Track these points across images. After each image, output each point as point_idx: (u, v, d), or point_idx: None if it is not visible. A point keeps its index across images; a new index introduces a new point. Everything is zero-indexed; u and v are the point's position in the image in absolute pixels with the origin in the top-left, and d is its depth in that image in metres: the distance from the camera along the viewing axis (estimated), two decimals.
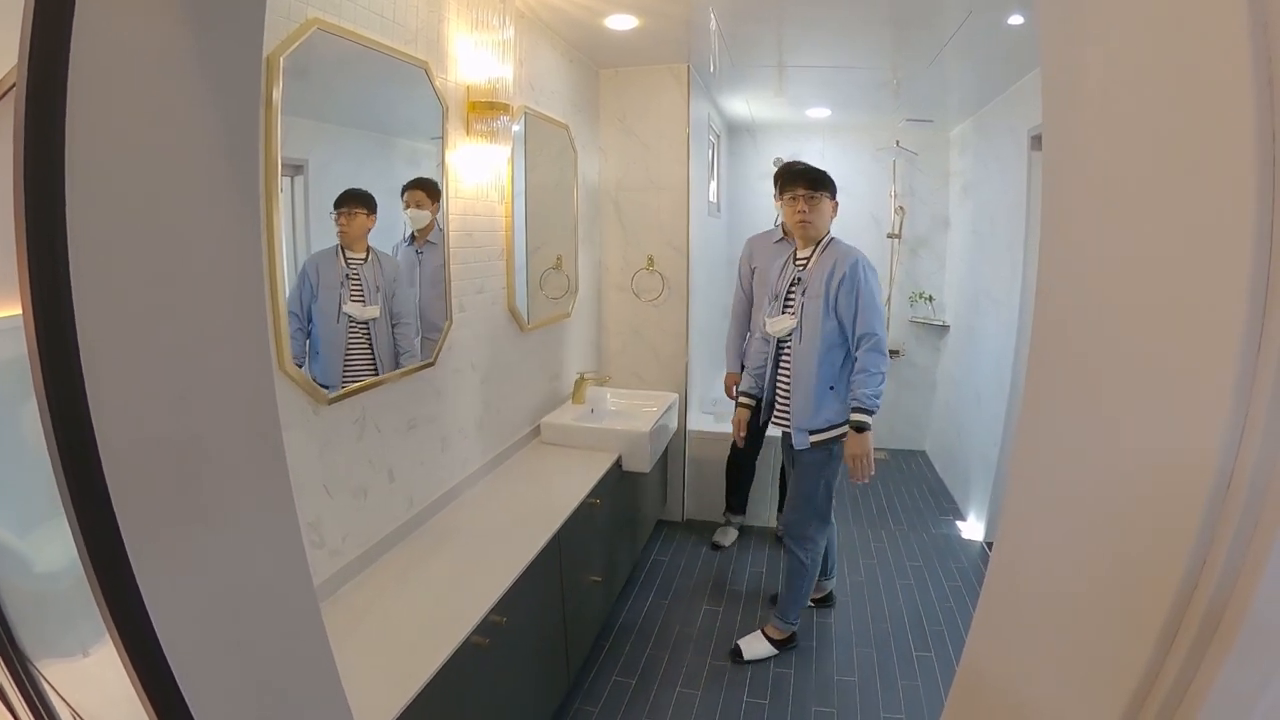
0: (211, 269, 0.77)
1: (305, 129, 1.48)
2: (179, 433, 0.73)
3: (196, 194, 0.75)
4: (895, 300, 5.07)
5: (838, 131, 4.99)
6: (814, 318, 2.47)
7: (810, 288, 2.50)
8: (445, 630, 1.52)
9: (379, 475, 1.86)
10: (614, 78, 3.47)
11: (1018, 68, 3.16)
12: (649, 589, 3.15)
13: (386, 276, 1.61)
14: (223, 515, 0.80)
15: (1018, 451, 0.74)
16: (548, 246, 2.96)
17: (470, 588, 1.72)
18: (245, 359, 0.83)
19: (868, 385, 2.39)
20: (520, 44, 2.48)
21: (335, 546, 1.67)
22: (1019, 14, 2.43)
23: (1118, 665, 0.61)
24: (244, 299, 0.82)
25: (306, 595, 0.96)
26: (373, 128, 1.80)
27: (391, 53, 1.76)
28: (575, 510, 2.24)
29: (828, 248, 2.56)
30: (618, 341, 3.82)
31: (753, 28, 2.80)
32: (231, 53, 0.78)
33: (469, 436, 2.37)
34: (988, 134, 3.95)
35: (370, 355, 1.62)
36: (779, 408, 2.65)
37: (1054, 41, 0.70)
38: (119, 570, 0.65)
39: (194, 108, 0.73)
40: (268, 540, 0.88)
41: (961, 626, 2.89)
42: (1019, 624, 0.75)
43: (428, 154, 2.01)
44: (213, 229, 0.78)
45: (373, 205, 1.69)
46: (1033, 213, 3.23)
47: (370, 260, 1.55)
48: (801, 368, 2.51)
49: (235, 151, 0.80)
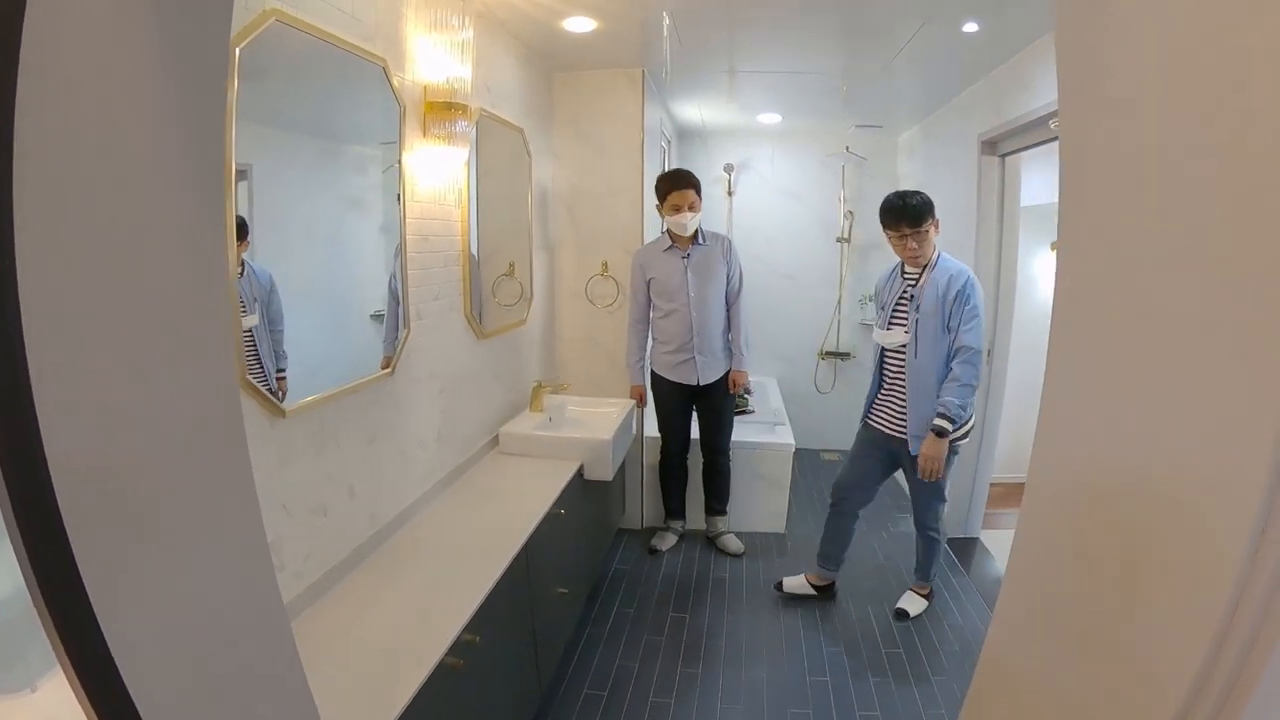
0: (173, 271, 0.71)
1: (250, 134, 1.39)
2: (139, 447, 0.66)
3: (160, 190, 0.68)
4: (845, 303, 5.17)
5: (787, 137, 5.06)
6: (929, 334, 2.65)
7: (924, 304, 2.66)
8: (418, 652, 1.45)
9: (340, 491, 1.77)
10: (568, 81, 3.44)
11: (968, 75, 3.25)
12: (613, 598, 3.11)
13: (262, 287, 1.57)
14: (188, 534, 0.73)
15: (1038, 450, 0.73)
16: (501, 253, 2.90)
17: (440, 606, 1.64)
18: (209, 366, 0.76)
19: (957, 395, 2.58)
20: (476, 44, 2.43)
21: (297, 568, 1.57)
22: (974, 22, 2.50)
23: (1148, 658, 0.60)
24: (206, 303, 0.75)
25: (278, 620, 0.89)
26: (323, 134, 1.72)
27: (350, 49, 1.68)
28: (541, 521, 2.19)
29: (937, 265, 2.69)
30: (572, 348, 3.77)
31: (707, 32, 2.81)
32: (198, 36, 0.71)
33: (429, 448, 2.29)
34: (936, 139, 4.07)
35: (257, 362, 1.57)
36: (892, 416, 2.82)
37: (1074, 45, 0.69)
38: (73, 597, 0.58)
39: (157, 97, 0.67)
40: (235, 561, 0.81)
41: (928, 624, 2.94)
42: (1038, 617, 0.74)
43: (375, 159, 1.93)
44: (177, 228, 0.71)
45: (245, 232, 1.61)
46: (984, 214, 3.32)
47: (246, 273, 1.50)
48: (920, 381, 2.69)
49: (200, 145, 0.74)
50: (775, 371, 5.27)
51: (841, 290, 5.15)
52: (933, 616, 2.99)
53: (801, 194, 5.17)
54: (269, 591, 0.86)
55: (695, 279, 3.24)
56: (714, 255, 3.29)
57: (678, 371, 3.31)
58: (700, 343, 3.27)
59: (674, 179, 3.18)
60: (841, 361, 5.25)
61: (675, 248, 3.26)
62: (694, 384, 3.32)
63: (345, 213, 1.84)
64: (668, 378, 3.34)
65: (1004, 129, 3.00)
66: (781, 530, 3.81)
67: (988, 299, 3.35)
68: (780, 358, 5.27)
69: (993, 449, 3.56)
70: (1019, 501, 3.19)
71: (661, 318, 3.30)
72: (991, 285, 3.37)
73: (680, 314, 3.25)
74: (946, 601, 3.11)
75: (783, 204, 5.19)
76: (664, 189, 3.19)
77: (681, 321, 3.25)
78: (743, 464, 3.68)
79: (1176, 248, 0.57)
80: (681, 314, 3.25)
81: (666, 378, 3.35)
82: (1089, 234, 0.68)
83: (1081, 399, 0.68)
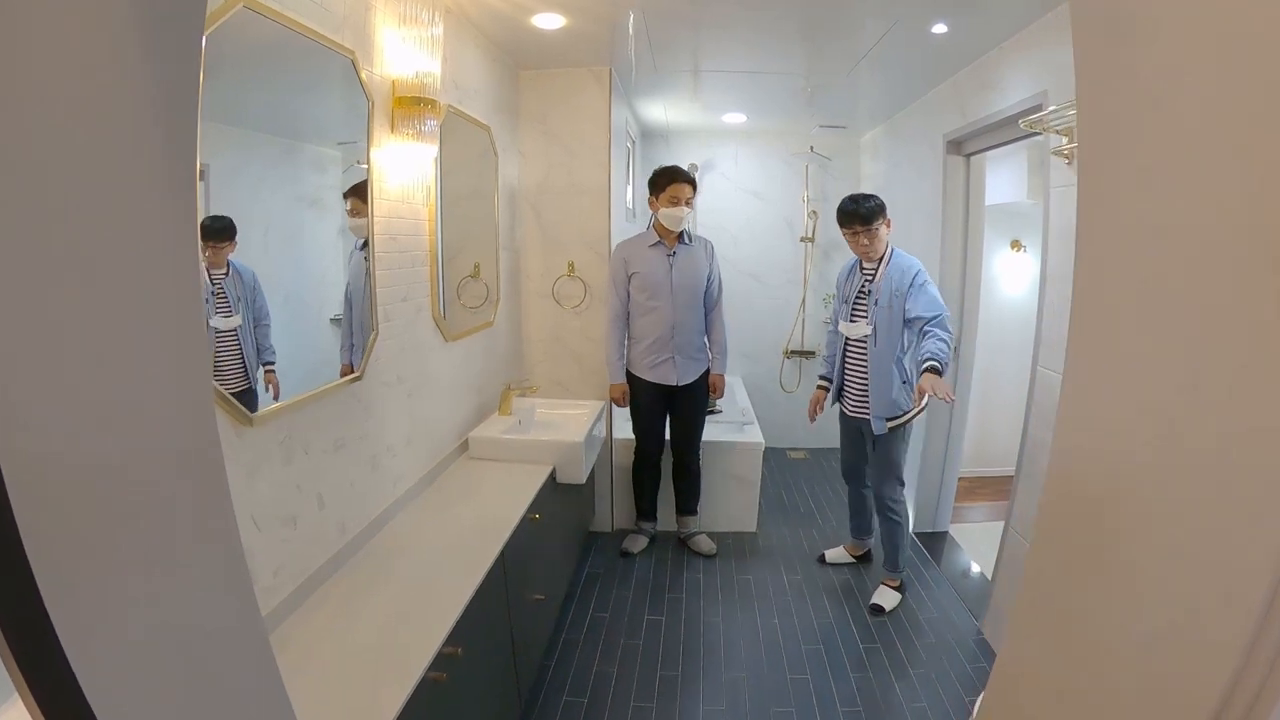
0: (142, 262, 0.64)
1: (210, 133, 1.32)
2: (106, 455, 0.59)
3: (130, 185, 0.62)
4: (810, 302, 5.21)
5: (752, 137, 5.07)
6: (886, 324, 2.88)
7: (881, 298, 2.89)
8: (400, 667, 1.39)
9: (308, 501, 1.69)
10: (534, 79, 3.38)
11: (934, 75, 3.30)
12: (587, 603, 3.06)
13: (246, 286, 1.51)
14: (160, 551, 0.66)
15: (1059, 448, 0.72)
16: (465, 253, 2.83)
17: (419, 618, 1.58)
18: (180, 368, 0.70)
19: (934, 345, 2.72)
20: (444, 40, 2.36)
21: (267, 583, 1.49)
22: (942, 23, 2.53)
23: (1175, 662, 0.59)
24: (177, 299, 0.69)
25: (257, 640, 0.83)
26: (284, 132, 1.64)
27: (319, 39, 1.61)
28: (516, 527, 2.13)
29: (890, 261, 2.92)
30: (539, 350, 3.71)
31: (674, 30, 2.78)
32: (173, 20, 0.65)
33: (398, 454, 2.21)
34: (901, 139, 4.12)
35: (240, 362, 1.50)
36: (856, 399, 3.06)
37: (1093, 46, 0.68)
38: (34, 622, 0.52)
39: (131, 88, 0.61)
40: (211, 578, 0.75)
41: (904, 618, 2.96)
42: (1055, 622, 0.73)
43: (335, 159, 1.85)
44: (146, 215, 0.65)
45: (233, 233, 1.54)
46: (950, 214, 3.37)
47: (231, 274, 1.44)
48: (880, 366, 2.91)
49: (171, 122, 0.68)
50: (740, 370, 5.28)
51: (806, 289, 5.18)
52: (908, 611, 3.01)
53: (766, 194, 5.19)
54: (249, 612, 0.81)
55: (679, 277, 3.22)
56: (698, 256, 3.28)
57: (656, 372, 3.28)
58: (679, 342, 3.24)
59: (674, 171, 3.16)
60: (806, 360, 5.28)
61: (662, 244, 3.22)
62: (672, 384, 3.29)
63: (304, 213, 1.76)
64: (644, 378, 3.31)
65: (970, 129, 3.05)
66: (753, 529, 3.81)
67: (954, 297, 3.41)
68: (745, 356, 5.29)
69: (960, 443, 3.61)
70: (985, 495, 3.24)
71: (640, 315, 3.26)
72: (958, 284, 3.43)
73: (661, 312, 3.22)
74: (920, 595, 3.14)
75: (747, 204, 5.20)
76: (663, 180, 3.15)
77: (662, 320, 3.22)
78: (713, 464, 3.67)
79: (1194, 242, 0.56)
80: (663, 312, 3.22)
81: (643, 378, 3.31)
82: (1107, 222, 0.66)
83: (1103, 392, 0.67)
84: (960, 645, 2.75)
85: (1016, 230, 4.35)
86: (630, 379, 3.35)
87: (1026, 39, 2.55)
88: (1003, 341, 4.23)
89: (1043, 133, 2.33)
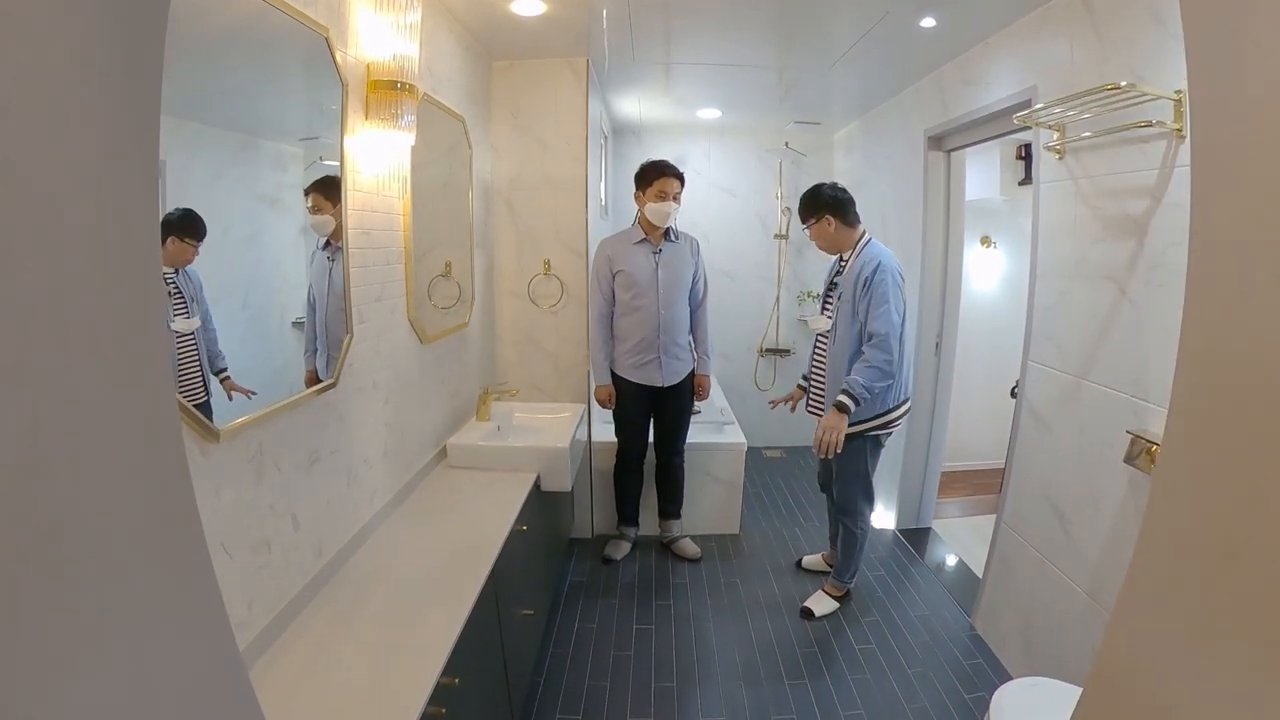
0: (93, 251, 0.51)
1: (166, 125, 1.17)
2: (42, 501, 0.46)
3: (79, 144, 0.50)
4: (784, 300, 5.16)
5: (725, 133, 5.01)
6: (844, 321, 2.71)
7: (844, 291, 2.72)
8: (395, 704, 1.26)
9: (282, 523, 1.55)
10: (508, 70, 3.25)
11: (914, 71, 3.26)
12: (573, 614, 2.94)
13: (195, 285, 1.37)
14: (119, 603, 0.53)
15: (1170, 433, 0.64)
16: (436, 251, 2.67)
17: (410, 646, 1.45)
18: (136, 381, 0.56)
19: (863, 375, 2.56)
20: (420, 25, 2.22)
21: (242, 618, 1.35)
22: (931, 16, 2.48)
23: None
24: (134, 296, 0.56)
25: (239, 688, 0.70)
26: (244, 127, 1.49)
27: (292, 13, 1.46)
28: (506, 541, 2.01)
29: (861, 252, 2.73)
30: (514, 351, 3.58)
31: (652, 21, 2.68)
32: None
33: (375, 466, 2.07)
34: (877, 135, 4.08)
35: (198, 370, 1.36)
36: (816, 398, 2.89)
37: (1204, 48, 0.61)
38: None
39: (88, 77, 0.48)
40: (184, 625, 0.62)
41: (895, 616, 2.92)
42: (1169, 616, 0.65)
43: (297, 157, 1.71)
44: (99, 195, 0.52)
45: (204, 231, 1.39)
46: (930, 209, 3.33)
47: (181, 272, 1.30)
48: (836, 365, 2.74)
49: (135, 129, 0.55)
50: (715, 369, 5.20)
51: (780, 287, 5.14)
52: (898, 608, 2.97)
53: (739, 190, 5.13)
54: (229, 656, 0.68)
55: (666, 275, 3.12)
56: (684, 253, 3.19)
57: (641, 373, 3.18)
58: (665, 342, 3.15)
59: (663, 165, 3.05)
60: (780, 358, 5.24)
61: (648, 240, 3.12)
62: (658, 386, 3.19)
63: (265, 213, 1.61)
64: (630, 379, 3.20)
65: (952, 124, 3.01)
66: (736, 531, 3.74)
67: (933, 293, 3.38)
68: (720, 355, 5.20)
69: (943, 439, 3.60)
70: (961, 490, 3.20)
71: (624, 314, 3.15)
72: (938, 279, 3.40)
73: (647, 311, 3.11)
74: (910, 592, 3.11)
75: (720, 200, 5.13)
76: (651, 174, 3.04)
77: (648, 319, 3.12)
78: (694, 465, 3.59)
79: None
80: (648, 311, 3.11)
81: (628, 379, 3.20)
82: None
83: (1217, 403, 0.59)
84: (954, 641, 2.72)
85: (986, 226, 4.37)
86: (614, 380, 3.24)
87: (1014, 34, 2.52)
88: (973, 337, 4.24)
89: (1034, 127, 2.29)
